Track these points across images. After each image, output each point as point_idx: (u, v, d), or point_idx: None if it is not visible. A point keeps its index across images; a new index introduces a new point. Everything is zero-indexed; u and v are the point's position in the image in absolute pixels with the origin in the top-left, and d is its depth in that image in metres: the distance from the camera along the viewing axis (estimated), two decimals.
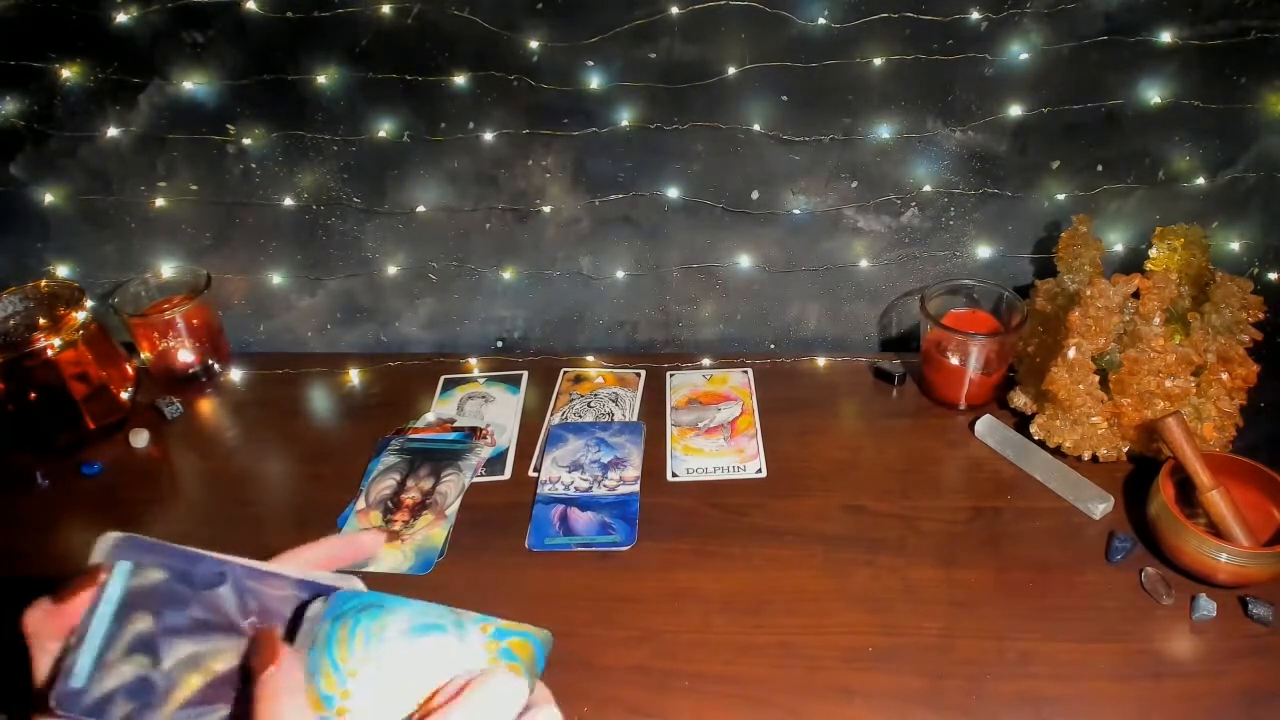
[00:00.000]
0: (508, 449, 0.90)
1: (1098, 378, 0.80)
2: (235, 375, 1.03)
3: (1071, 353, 0.79)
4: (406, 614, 0.46)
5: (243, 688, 0.42)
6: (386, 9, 0.86)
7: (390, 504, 0.83)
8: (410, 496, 0.83)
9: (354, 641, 0.44)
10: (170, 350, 0.98)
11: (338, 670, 0.43)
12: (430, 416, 0.94)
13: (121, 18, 0.88)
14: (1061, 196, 0.95)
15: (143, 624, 0.41)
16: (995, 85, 0.88)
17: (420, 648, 0.46)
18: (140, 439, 0.93)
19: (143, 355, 0.99)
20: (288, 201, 1.00)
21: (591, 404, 0.95)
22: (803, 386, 0.98)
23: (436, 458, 0.88)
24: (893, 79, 0.88)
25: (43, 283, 0.91)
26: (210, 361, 1.01)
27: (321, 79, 0.91)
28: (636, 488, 0.84)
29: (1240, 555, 0.67)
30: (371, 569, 0.76)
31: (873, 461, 0.87)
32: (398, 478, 0.86)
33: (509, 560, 0.77)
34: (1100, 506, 0.78)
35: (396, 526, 0.80)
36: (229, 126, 0.95)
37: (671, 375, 1.00)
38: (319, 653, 0.43)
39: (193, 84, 0.92)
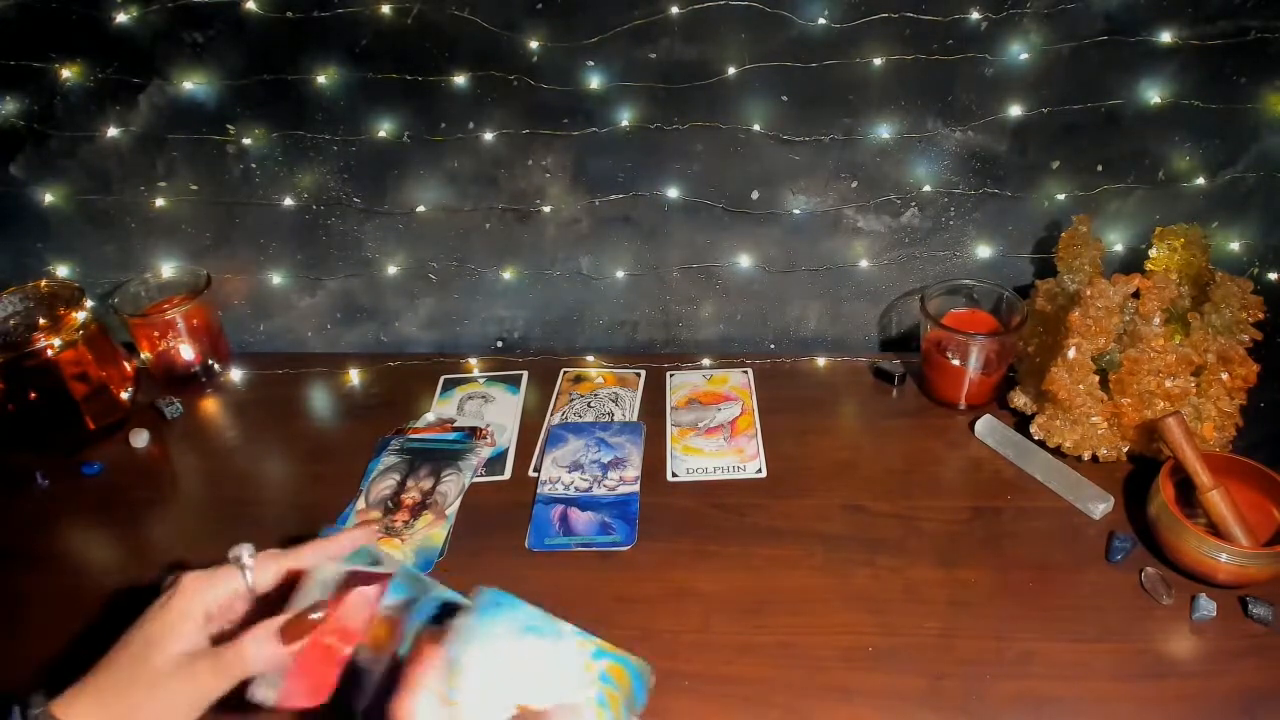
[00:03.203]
0: (508, 449, 0.90)
1: (1098, 378, 0.80)
2: (235, 375, 1.03)
3: (1071, 353, 0.79)
4: (520, 615, 0.53)
5: (391, 675, 0.51)
6: (386, 9, 0.86)
7: (390, 504, 0.83)
8: (410, 496, 0.83)
9: (471, 637, 0.51)
10: (170, 350, 0.98)
11: (457, 665, 0.49)
12: (430, 416, 0.94)
13: (121, 18, 0.88)
14: (1061, 196, 0.95)
15: None
16: (995, 85, 0.88)
17: (520, 648, 0.50)
18: (140, 439, 0.93)
19: (143, 355, 0.99)
20: (288, 201, 1.00)
21: (591, 404, 0.95)
22: (803, 386, 0.98)
23: (436, 458, 0.88)
24: (893, 79, 0.88)
25: (43, 283, 0.91)
26: (210, 361, 1.01)
27: (321, 79, 0.91)
28: (636, 488, 0.84)
29: (1240, 555, 0.67)
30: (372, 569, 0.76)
31: (873, 461, 0.87)
32: (398, 478, 0.86)
33: (509, 560, 0.77)
34: (1100, 506, 0.78)
35: (397, 526, 0.80)
36: (229, 126, 0.95)
37: (671, 375, 1.00)
38: (455, 650, 0.49)
39: (193, 84, 0.92)
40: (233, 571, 0.56)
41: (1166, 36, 0.84)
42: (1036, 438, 0.85)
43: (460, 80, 0.90)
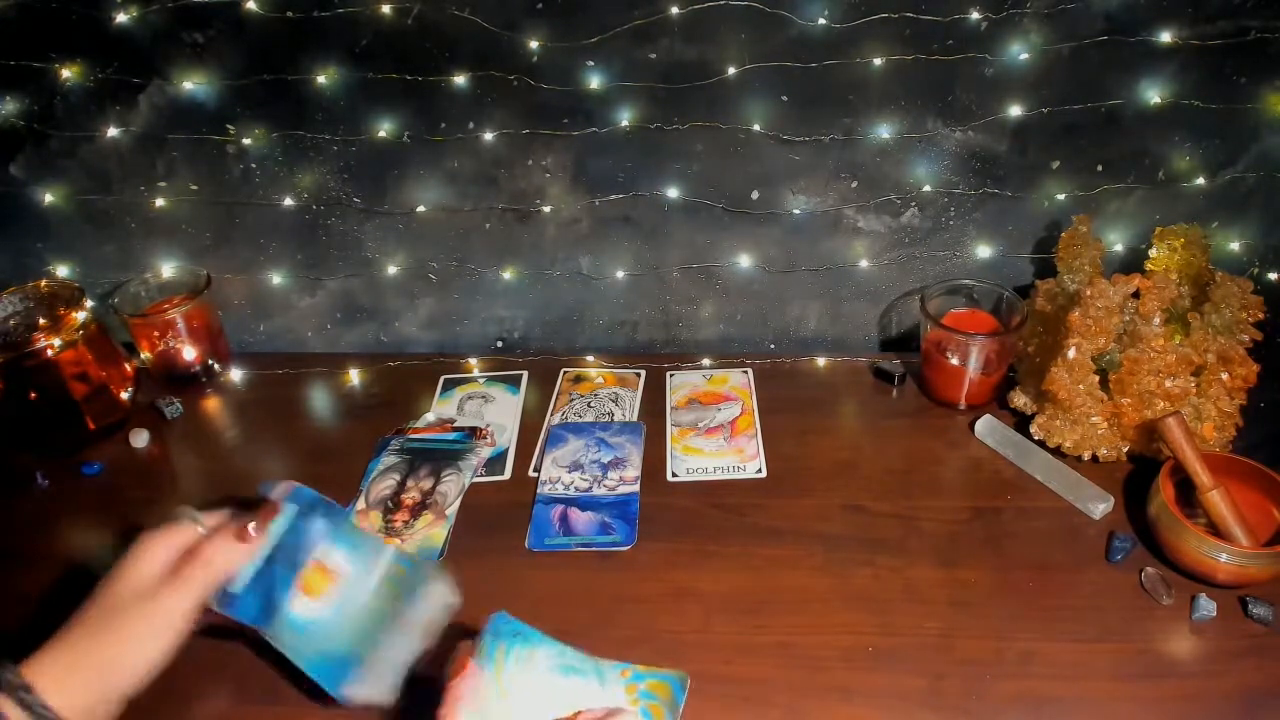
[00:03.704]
0: (508, 449, 0.90)
1: (1098, 378, 0.80)
2: (235, 375, 1.03)
3: (1071, 353, 0.79)
4: (550, 653, 0.57)
5: (436, 686, 0.54)
6: (386, 9, 0.86)
7: (390, 504, 0.83)
8: (410, 496, 0.83)
9: (509, 663, 0.55)
10: (170, 350, 0.98)
11: (495, 687, 0.53)
12: (430, 416, 0.94)
13: (121, 18, 0.88)
14: (1061, 196, 0.95)
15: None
16: (995, 85, 0.88)
17: (564, 687, 0.52)
18: (140, 439, 0.93)
19: (143, 355, 0.99)
20: (288, 201, 1.00)
21: (591, 404, 0.95)
22: (803, 386, 0.98)
23: (436, 458, 0.88)
24: (893, 79, 0.88)
25: (43, 283, 0.91)
26: (210, 361, 1.01)
27: (321, 79, 0.91)
28: (636, 488, 0.84)
29: (1240, 555, 0.67)
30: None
31: (873, 461, 0.87)
32: (398, 478, 0.86)
33: (509, 560, 0.77)
34: (1100, 506, 0.78)
35: (397, 526, 0.80)
36: (229, 126, 0.95)
37: (671, 375, 1.00)
38: (482, 664, 0.53)
39: (193, 84, 0.92)
40: (187, 525, 0.60)
41: (1166, 36, 0.84)
42: (1036, 438, 0.85)
43: (460, 80, 0.90)
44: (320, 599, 0.61)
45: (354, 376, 1.02)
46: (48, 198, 1.00)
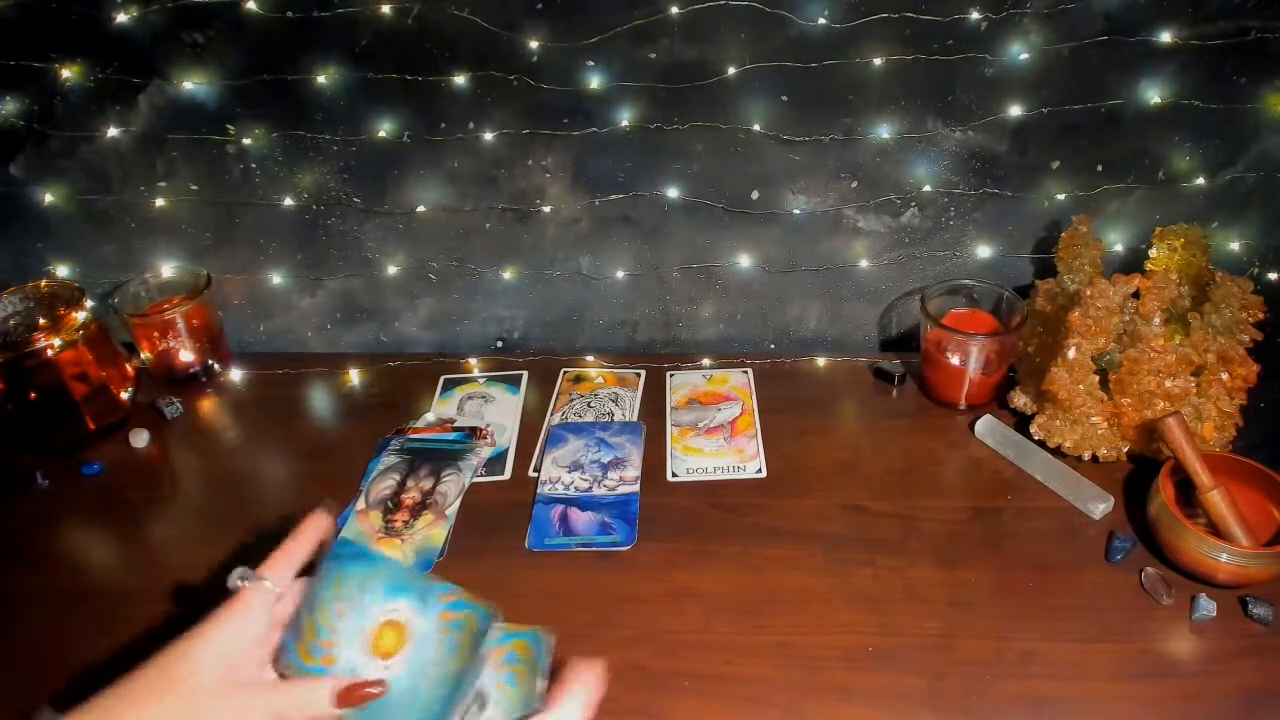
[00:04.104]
0: (508, 449, 0.90)
1: (1098, 378, 0.80)
2: (235, 375, 1.03)
3: (1071, 353, 0.79)
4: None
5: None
6: (386, 9, 0.86)
7: (390, 504, 0.83)
8: (410, 496, 0.83)
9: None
10: (170, 350, 0.98)
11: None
12: (430, 416, 0.94)
13: (121, 18, 0.88)
14: (1061, 196, 0.95)
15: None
16: (995, 85, 0.88)
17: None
18: (140, 439, 0.93)
19: (143, 355, 0.99)
20: (288, 201, 1.00)
21: (591, 404, 0.95)
22: (803, 386, 0.98)
23: (436, 458, 0.88)
24: (893, 79, 0.88)
25: (43, 283, 0.91)
26: (210, 361, 1.01)
27: (321, 79, 0.91)
28: (636, 488, 0.84)
29: (1240, 555, 0.67)
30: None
31: (873, 461, 0.87)
32: (398, 478, 0.86)
33: (509, 560, 0.77)
34: (1100, 506, 0.78)
35: (397, 526, 0.80)
36: (229, 126, 0.95)
37: (671, 375, 1.00)
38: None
39: (193, 84, 0.92)
40: (254, 592, 0.51)
41: (1166, 36, 0.84)
42: (1036, 438, 0.85)
43: (460, 80, 0.90)
44: (394, 659, 0.52)
45: (354, 376, 1.02)
46: (48, 198, 1.00)
